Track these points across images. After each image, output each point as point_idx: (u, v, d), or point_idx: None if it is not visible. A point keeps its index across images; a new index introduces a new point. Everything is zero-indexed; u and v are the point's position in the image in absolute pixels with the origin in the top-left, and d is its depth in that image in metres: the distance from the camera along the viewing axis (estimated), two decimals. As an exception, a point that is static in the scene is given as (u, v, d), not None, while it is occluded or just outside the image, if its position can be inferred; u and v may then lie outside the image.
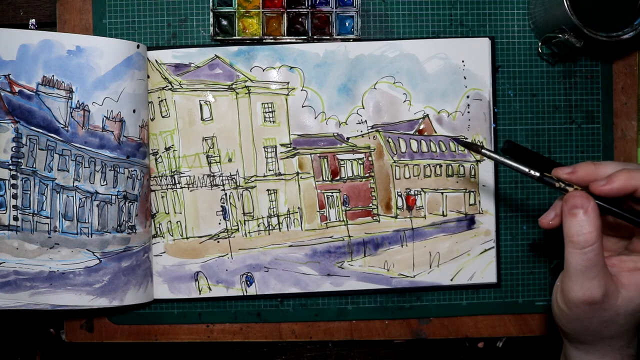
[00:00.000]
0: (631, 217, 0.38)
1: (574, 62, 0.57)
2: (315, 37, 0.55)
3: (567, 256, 0.38)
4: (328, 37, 0.55)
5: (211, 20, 0.55)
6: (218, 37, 0.55)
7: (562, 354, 0.46)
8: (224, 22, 0.55)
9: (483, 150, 0.41)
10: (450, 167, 0.56)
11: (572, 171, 0.39)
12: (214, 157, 0.55)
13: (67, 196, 0.51)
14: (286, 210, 0.56)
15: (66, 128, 0.51)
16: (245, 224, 0.55)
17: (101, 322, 0.57)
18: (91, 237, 0.51)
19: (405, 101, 0.56)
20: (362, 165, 0.56)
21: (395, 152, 0.56)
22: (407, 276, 0.56)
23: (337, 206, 0.56)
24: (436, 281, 0.56)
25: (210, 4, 0.55)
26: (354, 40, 0.55)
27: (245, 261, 0.55)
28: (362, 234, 0.56)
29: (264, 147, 0.55)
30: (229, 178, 0.55)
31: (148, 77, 0.55)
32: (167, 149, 0.55)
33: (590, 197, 0.38)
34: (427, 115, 0.56)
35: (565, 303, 0.40)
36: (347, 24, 0.56)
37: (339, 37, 0.55)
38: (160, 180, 0.55)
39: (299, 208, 0.56)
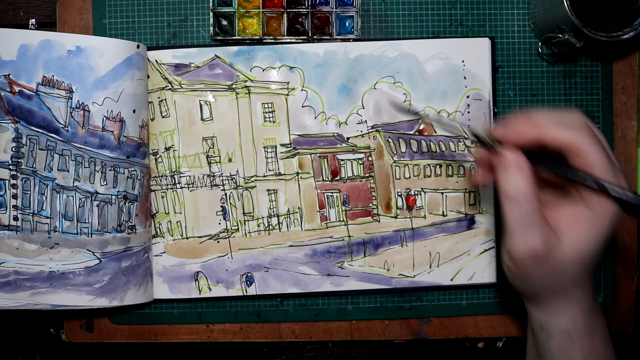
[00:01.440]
0: (560, 169, 0.39)
1: (574, 62, 0.57)
2: (315, 37, 0.55)
3: (505, 213, 0.39)
4: (328, 37, 0.55)
5: (211, 20, 0.55)
6: (218, 37, 0.55)
7: (527, 325, 0.46)
8: (224, 22, 0.55)
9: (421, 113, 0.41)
10: (450, 167, 0.56)
11: (505, 131, 0.40)
12: (214, 157, 0.55)
13: (67, 196, 0.51)
14: (286, 210, 0.56)
15: (66, 128, 0.51)
16: (245, 224, 0.55)
17: (101, 322, 0.57)
18: (91, 237, 0.51)
19: (405, 101, 0.56)
20: (362, 165, 0.56)
21: (395, 152, 0.56)
22: (407, 276, 0.56)
23: (337, 206, 0.56)
24: (436, 281, 0.56)
25: (210, 4, 0.55)
26: (354, 40, 0.55)
27: (245, 261, 0.55)
28: (362, 234, 0.56)
29: (264, 147, 0.55)
30: (229, 178, 0.55)
31: (148, 77, 0.55)
32: (167, 149, 0.55)
33: (520, 152, 0.39)
34: (427, 115, 0.56)
35: (512, 261, 0.40)
36: (347, 24, 0.56)
37: (339, 37, 0.55)
38: (160, 180, 0.55)
39: (299, 208, 0.56)
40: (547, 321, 0.43)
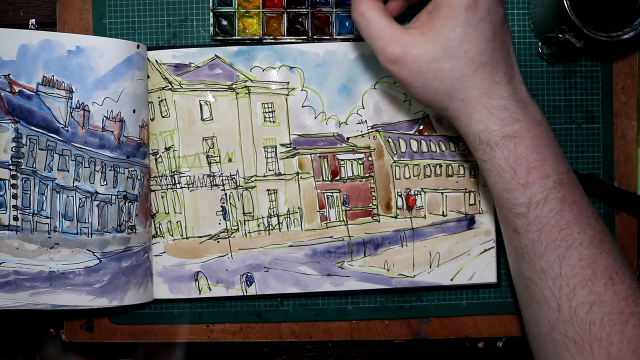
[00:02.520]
0: None
1: (574, 62, 0.57)
2: (315, 37, 0.55)
3: (360, 32, 0.43)
4: (328, 37, 0.55)
5: (211, 20, 0.55)
6: (218, 37, 0.55)
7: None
8: (224, 22, 0.55)
9: None
10: (450, 167, 0.56)
11: None
12: (214, 157, 0.55)
13: (67, 196, 0.51)
14: (286, 210, 0.56)
15: (66, 128, 0.51)
16: (245, 224, 0.55)
17: (101, 322, 0.57)
18: (91, 237, 0.51)
19: (405, 101, 0.56)
20: (362, 165, 0.56)
21: (395, 152, 0.56)
22: (407, 276, 0.56)
23: (337, 206, 0.56)
24: (436, 281, 0.56)
25: (210, 4, 0.55)
26: (354, 40, 0.55)
27: (245, 261, 0.55)
28: (362, 234, 0.56)
29: (264, 147, 0.55)
30: (229, 178, 0.55)
31: (148, 77, 0.55)
32: (167, 149, 0.55)
33: None
34: (427, 115, 0.56)
35: (390, 72, 0.43)
36: (347, 24, 0.55)
37: (339, 37, 0.55)
38: (160, 180, 0.55)
39: (299, 208, 0.56)
40: (465, 133, 0.43)
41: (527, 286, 0.43)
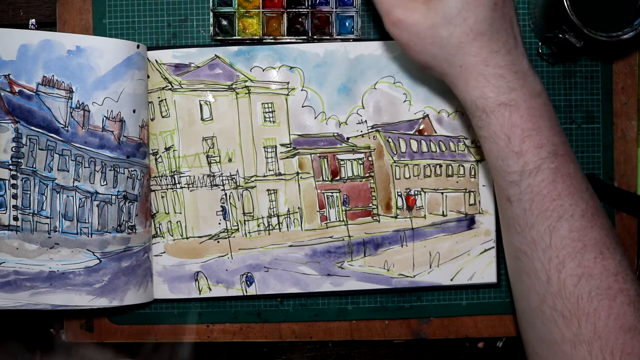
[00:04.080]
0: None
1: (574, 62, 0.57)
2: (315, 37, 0.55)
3: None
4: (328, 37, 0.55)
5: (211, 20, 0.55)
6: (218, 37, 0.55)
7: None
8: (224, 22, 0.55)
9: None
10: (450, 167, 0.56)
11: None
12: (214, 157, 0.55)
13: (67, 196, 0.51)
14: (286, 210, 0.56)
15: (66, 128, 0.51)
16: (245, 224, 0.55)
17: (101, 322, 0.57)
18: (91, 237, 0.51)
19: (405, 101, 0.56)
20: (362, 165, 0.56)
21: (395, 152, 0.56)
22: (407, 276, 0.56)
23: (337, 206, 0.56)
24: (436, 281, 0.56)
25: (210, 4, 0.55)
26: (354, 40, 0.55)
27: (245, 261, 0.55)
28: (362, 234, 0.56)
29: (264, 147, 0.55)
30: (229, 178, 0.55)
31: (148, 77, 0.55)
32: (167, 149, 0.55)
33: None
34: (427, 115, 0.56)
35: (392, 35, 0.44)
36: (347, 24, 0.55)
37: (339, 37, 0.55)
38: (160, 180, 0.55)
39: (299, 208, 0.56)
40: (463, 99, 0.44)
41: (518, 258, 0.43)
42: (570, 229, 0.41)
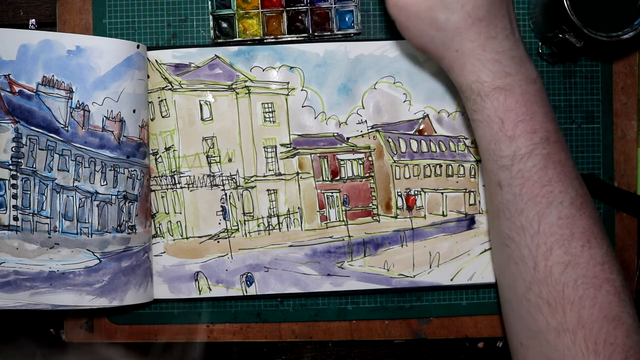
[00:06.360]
0: None
1: (574, 62, 0.57)
2: (316, 34, 0.55)
3: None
4: (329, 33, 0.55)
5: (211, 23, 0.55)
6: (219, 40, 0.55)
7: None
8: (224, 25, 0.55)
9: None
10: (450, 167, 0.56)
11: None
12: (214, 157, 0.55)
13: (67, 196, 0.51)
14: (286, 210, 0.56)
15: (66, 128, 0.51)
16: (245, 224, 0.55)
17: (101, 322, 0.57)
18: (91, 237, 0.51)
19: (405, 101, 0.56)
20: (362, 165, 0.56)
21: (395, 152, 0.56)
22: (407, 276, 0.56)
23: (337, 206, 0.56)
24: (436, 281, 0.56)
25: (209, 7, 0.55)
26: (355, 34, 0.55)
27: (245, 261, 0.55)
28: (362, 234, 0.56)
29: (264, 147, 0.55)
30: (229, 178, 0.55)
31: (148, 77, 0.55)
32: (167, 149, 0.55)
33: None
34: (427, 115, 0.56)
35: (391, 15, 0.44)
36: (347, 18, 0.55)
37: (340, 32, 0.55)
38: (160, 180, 0.55)
39: (299, 208, 0.56)
40: (459, 84, 0.44)
41: (505, 245, 0.43)
42: (559, 216, 0.41)
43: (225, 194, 0.55)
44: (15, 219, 0.50)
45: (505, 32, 0.42)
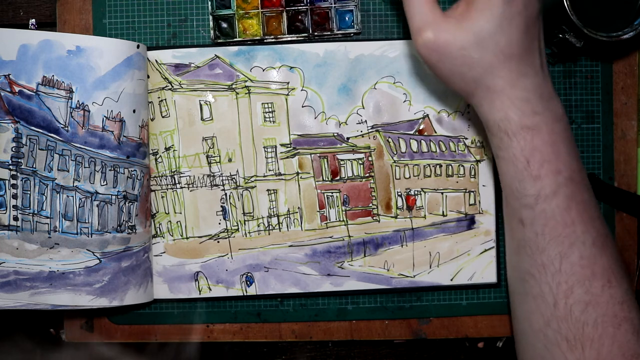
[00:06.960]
0: None
1: (574, 62, 0.57)
2: (316, 33, 0.55)
3: (404, 6, 0.43)
4: (329, 33, 0.55)
5: (211, 24, 0.55)
6: (219, 40, 0.55)
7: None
8: (224, 25, 0.55)
9: None
10: (450, 167, 0.56)
11: None
12: (214, 157, 0.55)
13: (67, 196, 0.51)
14: (286, 210, 0.56)
15: (66, 128, 0.51)
16: (245, 224, 0.55)
17: (101, 322, 0.57)
18: (91, 237, 0.51)
19: (405, 101, 0.56)
20: (362, 165, 0.56)
21: (395, 152, 0.56)
22: (407, 276, 0.56)
23: (337, 206, 0.56)
24: (436, 281, 0.56)
25: (209, 7, 0.55)
26: (355, 34, 0.55)
27: (245, 261, 0.55)
28: (362, 234, 0.56)
29: (264, 147, 0.55)
30: (229, 178, 0.55)
31: (148, 77, 0.55)
32: (167, 149, 0.55)
33: None
34: (427, 115, 0.56)
35: (420, 54, 0.43)
36: (347, 18, 0.55)
37: (340, 32, 0.55)
38: (160, 180, 0.55)
39: (299, 208, 0.56)
40: (486, 120, 0.43)
41: (525, 280, 0.43)
42: (580, 256, 0.41)
43: (225, 194, 0.55)
44: (15, 219, 0.50)
45: (535, 68, 0.42)
